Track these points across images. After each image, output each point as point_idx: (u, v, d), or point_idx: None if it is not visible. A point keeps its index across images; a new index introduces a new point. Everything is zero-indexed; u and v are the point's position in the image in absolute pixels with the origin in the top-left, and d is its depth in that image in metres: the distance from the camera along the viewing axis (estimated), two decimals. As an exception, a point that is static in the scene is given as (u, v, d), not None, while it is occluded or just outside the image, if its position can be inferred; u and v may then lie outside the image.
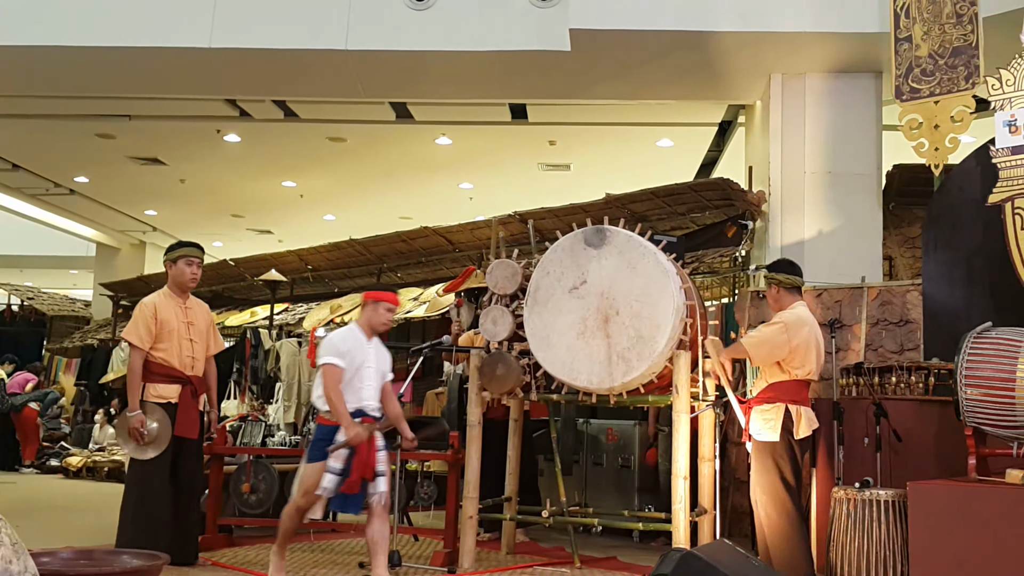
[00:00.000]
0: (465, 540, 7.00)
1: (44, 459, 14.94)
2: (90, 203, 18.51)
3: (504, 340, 7.10)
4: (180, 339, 6.66)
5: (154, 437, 6.42)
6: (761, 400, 6.31)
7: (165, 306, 6.67)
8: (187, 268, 6.79)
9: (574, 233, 6.83)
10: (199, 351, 6.80)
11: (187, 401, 6.60)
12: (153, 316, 6.56)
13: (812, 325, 6.34)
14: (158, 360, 6.54)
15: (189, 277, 6.80)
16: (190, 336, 6.75)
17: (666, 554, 5.07)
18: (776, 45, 9.16)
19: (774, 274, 6.56)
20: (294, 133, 13.81)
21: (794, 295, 6.50)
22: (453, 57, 9.82)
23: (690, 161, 14.39)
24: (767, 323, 6.39)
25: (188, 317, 6.78)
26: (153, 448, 6.47)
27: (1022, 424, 5.62)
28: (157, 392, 6.51)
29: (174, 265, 6.80)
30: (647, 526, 7.53)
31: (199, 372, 6.78)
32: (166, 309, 6.65)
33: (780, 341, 6.21)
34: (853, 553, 5.95)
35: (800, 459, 6.24)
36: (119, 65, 10.46)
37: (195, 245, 6.95)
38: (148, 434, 6.39)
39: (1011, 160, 6.72)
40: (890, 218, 10.14)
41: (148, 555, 5.01)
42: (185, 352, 6.68)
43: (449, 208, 16.28)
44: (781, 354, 6.22)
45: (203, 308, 7.04)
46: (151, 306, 6.63)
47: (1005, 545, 5.18)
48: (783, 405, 6.20)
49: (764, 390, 6.33)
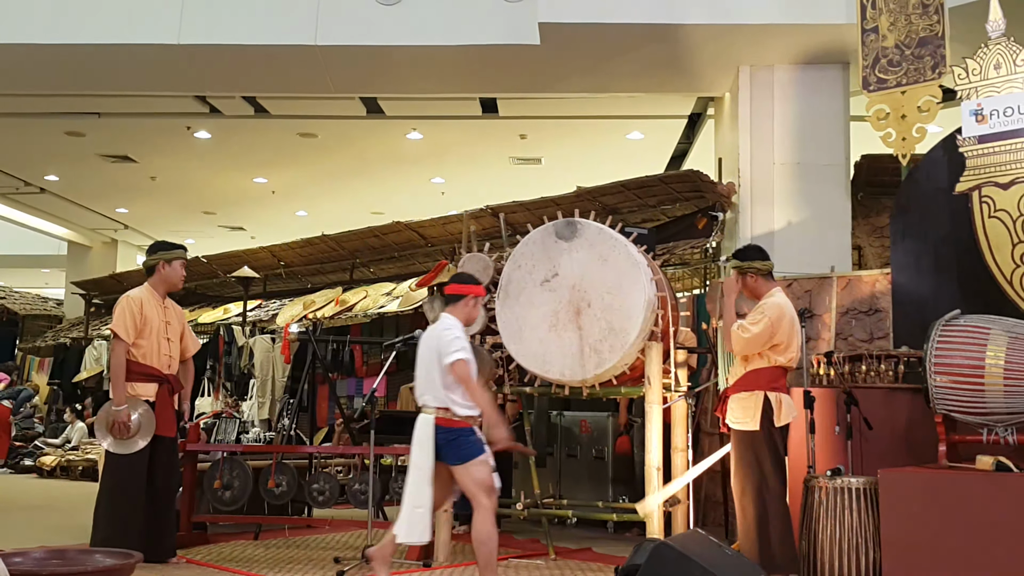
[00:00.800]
0: (440, 534, 7.01)
1: (18, 458, 14.85)
2: (61, 201, 18.38)
3: (476, 333, 7.11)
4: (159, 337, 6.64)
5: (137, 430, 6.39)
6: (739, 388, 6.29)
7: (148, 303, 6.66)
8: (181, 269, 6.81)
9: (545, 226, 6.84)
10: (175, 350, 6.81)
11: (164, 400, 6.58)
12: (139, 310, 6.55)
13: (791, 311, 6.35)
14: (136, 358, 6.52)
15: (180, 277, 6.83)
16: (168, 335, 6.74)
17: (640, 544, 5.12)
18: (744, 37, 9.19)
19: (751, 262, 6.52)
20: (265, 129, 13.75)
21: (770, 280, 6.50)
22: (423, 52, 9.81)
23: (660, 153, 14.43)
24: (752, 318, 6.31)
25: (167, 316, 6.78)
26: (137, 441, 6.44)
27: (991, 411, 5.69)
28: (135, 391, 6.49)
29: (168, 265, 6.77)
30: (621, 517, 7.55)
31: (175, 371, 6.79)
32: (148, 306, 6.64)
33: (764, 338, 6.23)
34: (825, 541, 5.99)
35: (781, 448, 6.25)
36: (87, 62, 10.39)
37: (184, 247, 6.97)
38: (132, 426, 6.37)
39: (978, 149, 6.77)
40: (859, 208, 10.20)
41: (121, 554, 5.01)
42: (163, 351, 6.67)
43: (421, 202, 16.26)
44: (759, 349, 6.25)
45: (178, 309, 7.05)
46: (138, 300, 6.61)
47: (975, 531, 5.24)
48: (762, 393, 6.18)
49: (742, 378, 6.31)
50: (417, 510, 5.48)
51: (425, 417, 5.61)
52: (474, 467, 5.56)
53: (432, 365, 5.64)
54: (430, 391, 5.64)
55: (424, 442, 5.56)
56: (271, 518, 8.54)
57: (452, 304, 5.80)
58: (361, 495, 7.93)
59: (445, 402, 5.58)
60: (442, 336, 5.65)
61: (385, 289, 12.90)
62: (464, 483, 5.61)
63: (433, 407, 5.60)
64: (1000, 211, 6.63)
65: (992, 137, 6.70)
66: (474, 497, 5.58)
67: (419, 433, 5.60)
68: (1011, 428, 5.72)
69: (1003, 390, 5.62)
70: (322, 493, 8.12)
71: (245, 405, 12.60)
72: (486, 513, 5.54)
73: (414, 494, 5.52)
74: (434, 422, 5.57)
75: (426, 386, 5.68)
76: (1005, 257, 6.60)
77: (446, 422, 5.58)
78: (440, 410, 5.59)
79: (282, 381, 12.96)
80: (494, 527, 5.57)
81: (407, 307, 11.97)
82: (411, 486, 5.55)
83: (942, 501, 5.41)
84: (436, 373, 5.61)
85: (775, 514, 6.13)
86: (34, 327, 20.95)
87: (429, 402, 5.63)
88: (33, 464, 14.35)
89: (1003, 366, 5.62)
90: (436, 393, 5.61)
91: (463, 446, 5.59)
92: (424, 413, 5.63)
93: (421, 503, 5.49)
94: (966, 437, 5.92)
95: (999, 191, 6.63)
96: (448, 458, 5.59)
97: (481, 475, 5.57)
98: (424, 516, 5.49)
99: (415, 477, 5.55)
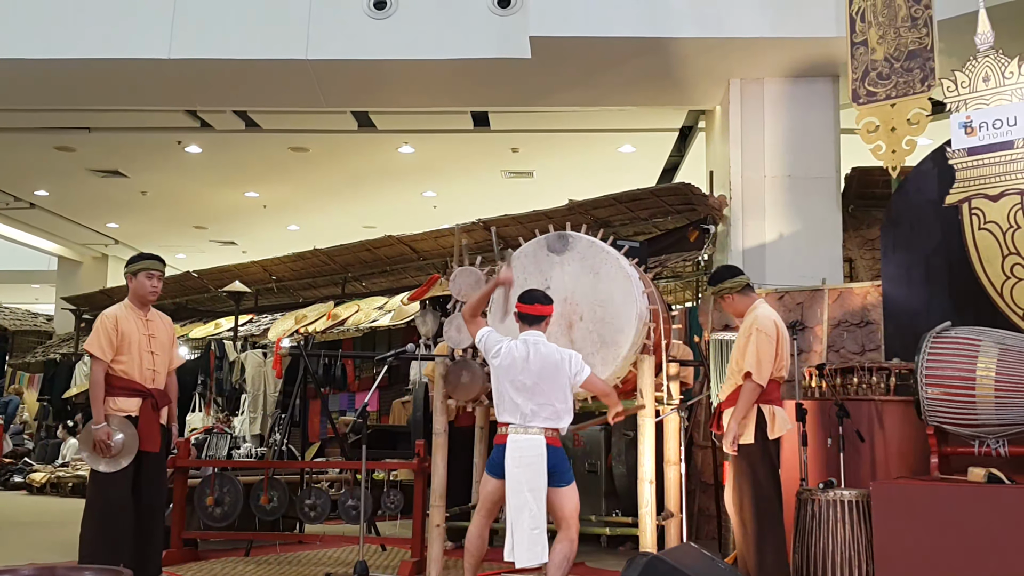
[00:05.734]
0: (432, 549, 6.98)
1: (7, 475, 14.78)
2: (51, 217, 18.35)
3: (469, 347, 7.09)
4: (141, 351, 6.57)
5: (120, 449, 6.34)
6: (733, 402, 6.31)
7: (126, 318, 6.58)
8: (147, 281, 6.70)
9: (537, 239, 6.83)
10: (160, 364, 6.69)
11: (148, 414, 6.51)
12: (115, 327, 6.49)
13: (780, 322, 6.36)
14: (118, 373, 6.46)
15: (149, 290, 6.71)
16: (151, 349, 6.65)
17: (633, 559, 5.09)
18: (734, 50, 9.23)
19: (721, 285, 6.55)
20: (256, 143, 13.75)
21: (748, 294, 6.50)
22: (414, 66, 9.82)
23: (652, 167, 14.46)
24: (747, 337, 6.30)
25: (149, 330, 6.69)
26: (120, 460, 6.40)
27: (983, 422, 5.70)
28: (117, 405, 6.42)
29: (134, 278, 6.71)
30: (614, 531, 7.54)
31: (160, 385, 6.67)
32: (127, 321, 6.57)
33: (771, 350, 6.22)
34: (818, 554, 5.99)
35: (776, 460, 6.25)
36: (77, 77, 10.38)
37: (156, 258, 6.85)
38: (115, 446, 6.32)
39: (967, 161, 6.79)
40: (849, 220, 10.23)
41: (111, 571, 4.97)
42: (146, 365, 6.58)
43: (413, 216, 16.25)
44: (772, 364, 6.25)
45: (165, 321, 6.94)
46: (112, 317, 6.55)
47: (968, 542, 5.24)
48: (755, 406, 6.17)
49: (735, 392, 6.30)
50: (535, 532, 5.44)
51: (532, 438, 5.58)
52: (574, 490, 5.67)
53: (547, 383, 5.65)
54: (542, 411, 5.61)
55: (536, 463, 5.52)
56: (262, 534, 8.50)
57: (538, 324, 5.85)
58: (353, 510, 7.90)
59: (557, 422, 5.61)
60: (560, 354, 5.72)
61: (377, 303, 12.88)
62: (565, 506, 5.64)
63: (540, 427, 5.58)
64: (990, 223, 6.64)
65: (981, 149, 6.72)
66: (568, 520, 5.64)
67: (527, 454, 5.55)
68: (1002, 440, 5.72)
69: (994, 402, 5.63)
70: (314, 508, 8.08)
71: (236, 420, 12.54)
72: (577, 535, 5.66)
73: (530, 516, 5.46)
74: (545, 442, 5.55)
75: (530, 404, 5.64)
76: (995, 269, 6.61)
77: (556, 442, 5.61)
78: (549, 431, 5.59)
79: (274, 396, 12.93)
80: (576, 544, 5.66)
81: (399, 321, 11.96)
82: (523, 510, 5.48)
83: (934, 513, 5.41)
84: (553, 391, 5.62)
85: (771, 526, 6.12)
86: (24, 343, 20.90)
87: (536, 422, 5.60)
88: (23, 481, 14.28)
89: (994, 378, 5.62)
90: (547, 413, 5.61)
91: (568, 469, 5.66)
92: (528, 434, 5.59)
93: (538, 524, 5.45)
94: (958, 449, 5.92)
95: (989, 203, 6.65)
96: (557, 480, 5.59)
97: (577, 499, 5.68)
98: (542, 536, 5.46)
99: (527, 499, 5.48)
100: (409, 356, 7.54)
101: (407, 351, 7.49)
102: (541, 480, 5.50)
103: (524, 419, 5.61)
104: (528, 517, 5.46)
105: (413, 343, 8.83)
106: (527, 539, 5.45)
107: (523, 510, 5.48)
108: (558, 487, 5.59)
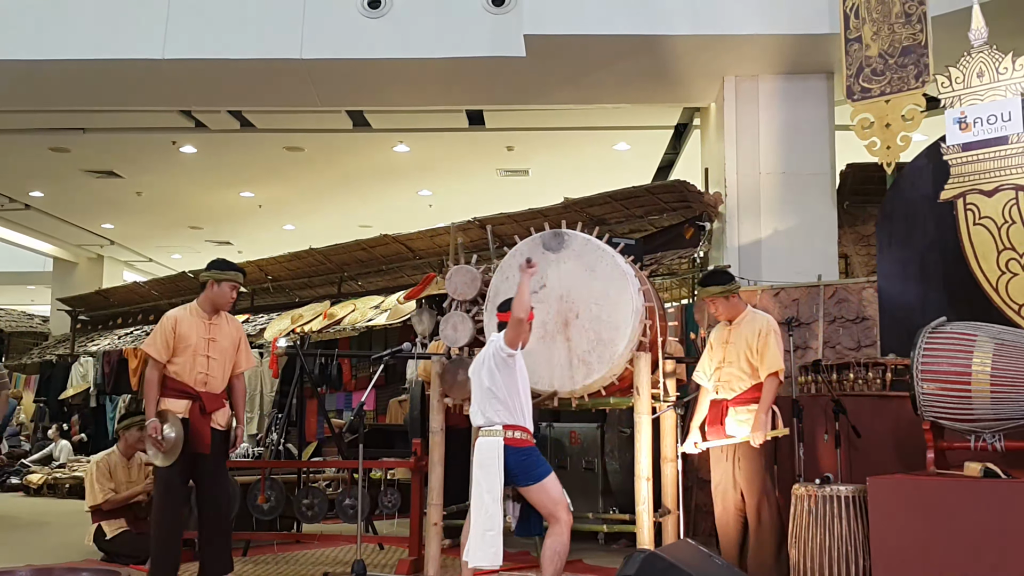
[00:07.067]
0: (430, 547, 6.98)
1: (4, 477, 14.76)
2: (46, 218, 18.33)
3: (465, 346, 7.10)
4: (196, 355, 6.52)
5: (172, 444, 6.36)
6: (747, 400, 6.41)
7: (187, 321, 6.56)
8: (230, 292, 6.67)
9: (533, 237, 6.84)
10: (216, 368, 6.61)
11: (196, 417, 6.47)
12: (172, 330, 6.48)
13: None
14: (170, 374, 6.47)
15: (228, 300, 6.70)
16: (208, 352, 6.58)
17: (630, 555, 5.10)
18: (728, 48, 9.23)
19: (727, 286, 6.76)
20: (251, 143, 13.74)
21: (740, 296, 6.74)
22: (409, 64, 9.82)
23: (647, 164, 14.47)
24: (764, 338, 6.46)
25: (211, 333, 6.62)
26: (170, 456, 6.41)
27: (979, 417, 5.70)
28: (166, 406, 6.43)
29: (217, 285, 6.64)
30: (612, 528, 7.54)
31: (214, 389, 6.59)
32: (187, 324, 6.54)
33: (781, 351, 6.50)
34: (815, 549, 5.98)
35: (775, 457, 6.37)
36: (72, 78, 10.36)
37: (240, 269, 6.83)
38: (167, 441, 6.33)
39: (962, 157, 6.79)
40: (845, 216, 10.23)
41: (108, 571, 5.00)
42: (199, 368, 6.52)
43: (409, 215, 16.24)
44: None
45: (232, 325, 6.87)
46: (172, 319, 6.55)
47: (964, 537, 5.24)
48: None
49: (750, 390, 6.49)
50: (488, 533, 5.43)
51: (490, 440, 5.56)
52: (549, 484, 5.63)
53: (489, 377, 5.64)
54: (497, 409, 5.60)
55: (491, 464, 5.50)
56: (260, 534, 8.49)
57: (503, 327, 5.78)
58: (350, 510, 7.90)
59: (513, 418, 5.59)
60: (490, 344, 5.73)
61: (373, 302, 12.86)
62: (541, 503, 5.63)
63: (501, 427, 5.57)
64: (985, 218, 6.64)
65: (976, 145, 6.71)
66: (553, 515, 5.62)
67: (483, 456, 5.55)
68: (998, 434, 5.73)
69: (990, 396, 5.63)
70: (311, 508, 8.08)
71: (233, 420, 12.53)
72: (567, 528, 5.61)
73: (485, 518, 5.46)
74: (502, 444, 5.53)
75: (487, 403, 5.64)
76: (990, 264, 6.62)
77: (517, 442, 5.58)
78: (512, 429, 5.58)
79: (270, 396, 12.92)
80: (569, 537, 5.63)
81: (395, 320, 11.94)
82: (479, 510, 5.49)
83: (931, 508, 5.41)
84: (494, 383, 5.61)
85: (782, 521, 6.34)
86: (20, 344, 20.87)
87: (494, 420, 5.60)
88: (20, 482, 14.27)
89: (990, 373, 5.62)
90: (498, 408, 5.60)
91: (536, 466, 5.63)
92: (489, 436, 5.58)
93: (493, 526, 5.44)
94: (954, 444, 5.93)
95: (983, 198, 6.65)
96: (522, 480, 5.58)
97: (556, 492, 5.64)
98: (497, 538, 5.44)
99: (485, 501, 5.48)
100: (405, 355, 7.56)
101: (403, 350, 7.51)
102: (496, 482, 5.49)
103: (488, 420, 5.63)
104: (484, 519, 5.47)
105: (409, 342, 8.86)
106: (481, 541, 5.47)
107: (480, 511, 5.50)
108: (525, 486, 5.60)
